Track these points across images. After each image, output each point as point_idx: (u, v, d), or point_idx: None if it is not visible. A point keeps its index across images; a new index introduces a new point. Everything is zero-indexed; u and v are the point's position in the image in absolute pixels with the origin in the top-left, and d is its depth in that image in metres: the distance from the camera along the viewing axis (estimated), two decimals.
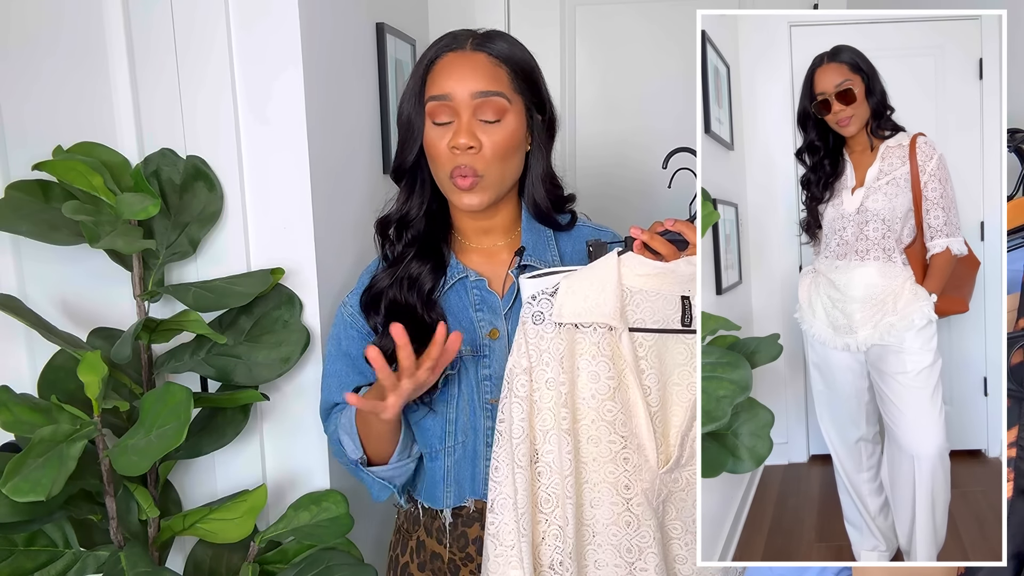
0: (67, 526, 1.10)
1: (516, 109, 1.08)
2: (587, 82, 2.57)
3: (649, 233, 0.98)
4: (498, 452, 1.00)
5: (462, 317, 1.13)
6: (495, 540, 0.99)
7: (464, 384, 1.12)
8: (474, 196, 1.08)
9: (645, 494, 1.00)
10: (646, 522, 1.00)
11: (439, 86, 1.07)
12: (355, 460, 1.12)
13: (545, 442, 0.98)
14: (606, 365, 0.98)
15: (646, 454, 0.99)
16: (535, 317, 0.98)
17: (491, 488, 1.00)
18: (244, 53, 1.21)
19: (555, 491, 0.98)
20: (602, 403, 0.98)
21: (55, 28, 1.18)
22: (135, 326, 1.08)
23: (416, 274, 1.12)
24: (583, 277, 0.98)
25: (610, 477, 0.99)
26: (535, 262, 1.13)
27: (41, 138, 1.17)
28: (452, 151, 1.06)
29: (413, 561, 1.19)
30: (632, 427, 0.99)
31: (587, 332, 0.98)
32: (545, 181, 1.15)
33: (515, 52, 1.10)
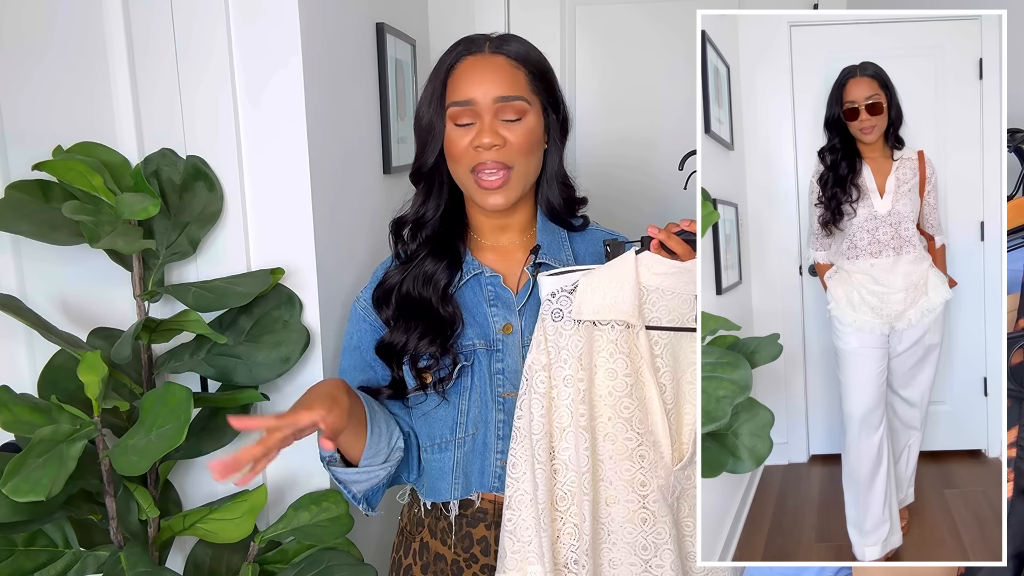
0: (67, 526, 1.10)
1: (535, 109, 1.10)
2: (587, 82, 2.57)
3: (666, 232, 0.99)
4: (516, 449, 1.00)
5: (476, 312, 1.14)
6: (513, 536, 0.99)
7: (477, 377, 1.13)
8: (499, 196, 1.09)
9: (661, 491, 1.00)
10: (662, 519, 1.00)
11: (461, 91, 1.08)
12: (325, 457, 1.11)
13: (562, 439, 0.99)
14: (623, 362, 0.99)
15: (661, 451, 1.00)
16: (554, 314, 0.99)
17: (508, 485, 1.00)
18: (244, 51, 1.22)
19: (571, 488, 0.98)
20: (619, 400, 0.99)
21: (55, 28, 1.18)
22: (135, 326, 1.08)
23: (431, 271, 1.13)
24: (602, 275, 0.99)
25: (626, 474, 1.00)
26: (550, 260, 1.14)
27: (41, 138, 1.17)
28: (476, 150, 1.07)
29: (416, 563, 1.19)
30: (648, 424, 1.00)
31: (605, 329, 0.99)
32: (559, 181, 1.17)
33: (531, 54, 1.12)
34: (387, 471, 1.13)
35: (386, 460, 1.12)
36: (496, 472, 1.11)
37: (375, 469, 1.11)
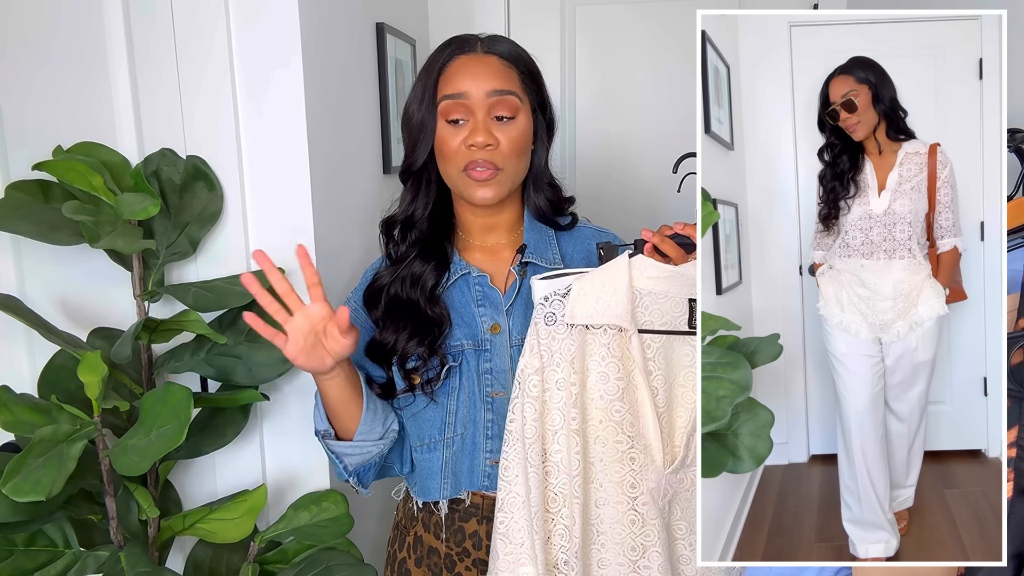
0: (67, 526, 1.10)
1: (526, 108, 1.11)
2: (587, 82, 2.57)
3: (660, 236, 0.99)
4: (508, 451, 1.00)
5: (464, 312, 1.14)
6: (505, 539, 0.99)
7: (466, 377, 1.13)
8: (489, 189, 1.09)
9: (651, 494, 1.00)
10: (651, 521, 1.00)
11: (454, 85, 1.08)
12: (319, 431, 1.12)
13: (554, 442, 0.99)
14: (615, 366, 0.99)
15: (652, 454, 1.00)
16: (547, 318, 0.99)
17: (501, 487, 1.00)
18: (244, 52, 1.22)
19: (562, 490, 0.99)
20: (610, 404, 0.99)
21: (55, 28, 1.18)
22: (135, 326, 1.08)
23: (419, 272, 1.14)
24: (595, 279, 0.99)
25: (616, 476, 1.00)
26: (537, 260, 1.15)
27: (41, 138, 1.17)
28: (469, 148, 1.07)
29: (411, 557, 1.20)
30: (639, 428, 1.00)
31: (597, 333, 0.99)
32: (545, 181, 1.17)
33: (523, 54, 1.13)
34: (380, 449, 1.13)
35: (380, 438, 1.13)
36: (486, 471, 1.12)
37: (368, 445, 1.11)
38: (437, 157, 1.11)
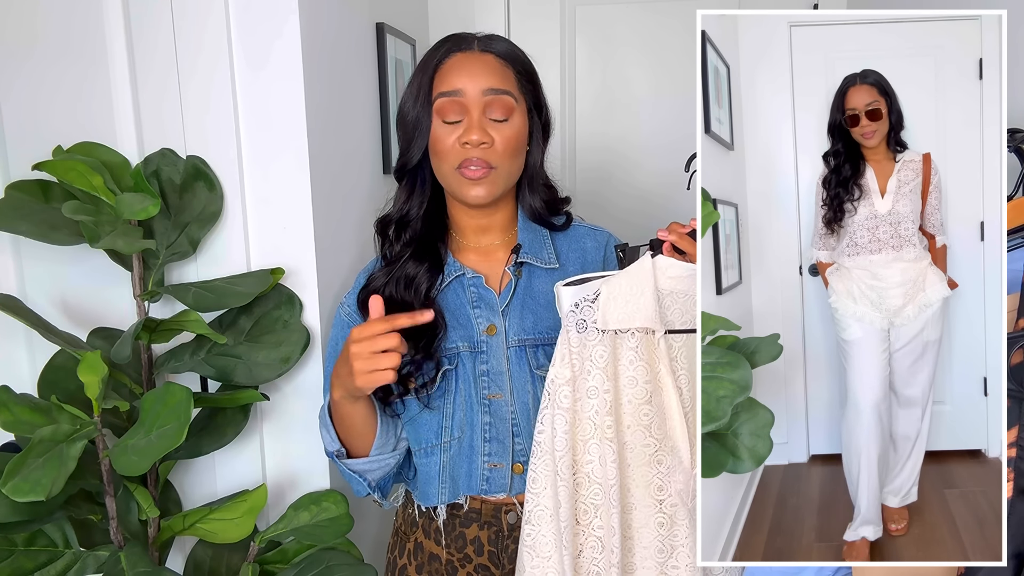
0: (67, 526, 1.10)
1: (521, 109, 1.11)
2: (587, 82, 2.57)
3: (677, 232, 0.98)
4: (536, 463, 0.99)
5: (459, 314, 1.14)
6: (532, 552, 0.98)
7: (462, 380, 1.12)
8: (482, 188, 1.08)
9: (679, 495, 1.00)
10: (679, 522, 1.00)
11: (450, 82, 1.07)
12: (332, 452, 1.12)
13: (585, 452, 0.97)
14: (644, 369, 0.98)
15: (680, 455, 0.99)
16: (579, 325, 0.98)
17: (528, 500, 0.99)
18: (244, 53, 1.22)
19: (595, 501, 0.97)
20: (639, 407, 0.98)
21: (55, 28, 1.18)
22: (135, 326, 1.08)
23: (413, 274, 1.13)
24: (622, 282, 0.98)
25: (643, 480, 0.99)
26: (532, 259, 1.14)
27: (41, 138, 1.17)
28: (463, 147, 1.07)
29: (411, 563, 1.19)
30: (666, 429, 0.99)
31: (626, 337, 0.98)
32: (541, 182, 1.17)
33: (519, 54, 1.13)
34: (396, 459, 1.15)
35: (395, 449, 1.14)
36: (483, 475, 1.12)
37: (386, 457, 1.13)
38: (431, 155, 1.11)
